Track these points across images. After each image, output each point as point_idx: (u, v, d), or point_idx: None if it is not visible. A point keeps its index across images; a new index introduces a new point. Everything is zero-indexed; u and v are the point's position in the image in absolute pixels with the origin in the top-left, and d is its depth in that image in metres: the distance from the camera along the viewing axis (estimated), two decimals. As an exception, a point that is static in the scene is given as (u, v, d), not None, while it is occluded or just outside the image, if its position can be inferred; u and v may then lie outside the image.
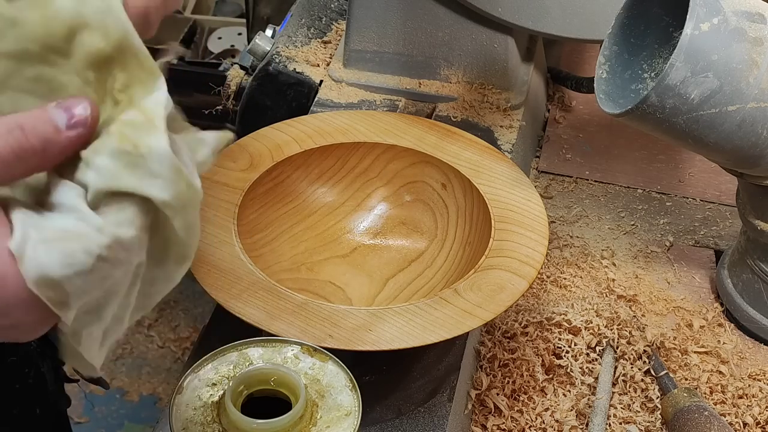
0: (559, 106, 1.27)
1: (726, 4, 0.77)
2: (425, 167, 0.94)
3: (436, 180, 0.94)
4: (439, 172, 0.94)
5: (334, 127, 0.96)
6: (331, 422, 0.62)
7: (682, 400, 0.86)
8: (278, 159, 0.93)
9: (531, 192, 0.89)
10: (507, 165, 0.92)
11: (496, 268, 0.80)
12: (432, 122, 0.99)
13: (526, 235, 0.83)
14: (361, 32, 1.14)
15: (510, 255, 0.81)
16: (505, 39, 1.11)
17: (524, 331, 0.93)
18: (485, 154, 0.94)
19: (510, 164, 0.93)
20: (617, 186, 1.16)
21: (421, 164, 0.95)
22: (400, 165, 0.96)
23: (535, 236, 0.83)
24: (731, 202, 1.10)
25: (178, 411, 0.62)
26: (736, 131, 0.80)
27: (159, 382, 2.08)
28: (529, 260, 0.81)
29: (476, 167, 0.92)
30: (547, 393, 0.89)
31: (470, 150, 0.94)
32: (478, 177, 0.91)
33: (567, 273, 1.02)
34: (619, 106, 0.82)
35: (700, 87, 0.77)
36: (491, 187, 0.89)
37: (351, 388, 0.64)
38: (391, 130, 0.96)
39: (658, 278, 1.03)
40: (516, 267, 0.80)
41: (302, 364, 0.66)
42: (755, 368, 0.93)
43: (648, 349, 0.93)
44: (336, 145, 0.95)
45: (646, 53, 0.86)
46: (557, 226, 1.09)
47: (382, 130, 0.96)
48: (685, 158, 1.19)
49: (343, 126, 0.97)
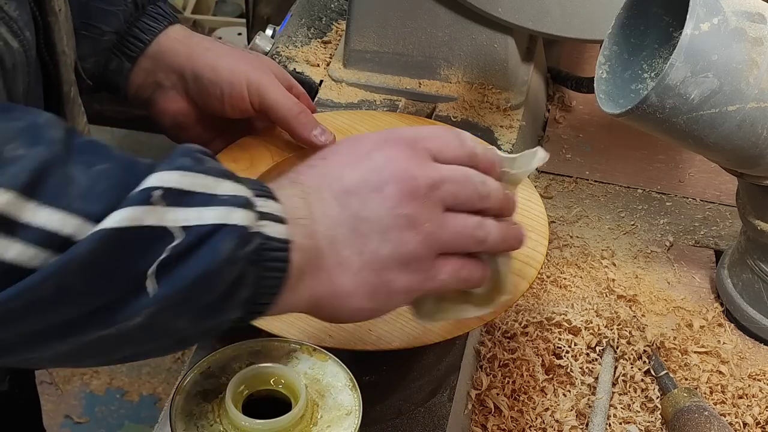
0: (559, 106, 1.27)
1: (726, 4, 0.77)
2: None
3: None
4: None
5: (334, 126, 0.96)
6: (331, 422, 0.62)
7: (682, 400, 0.86)
8: (278, 159, 0.93)
9: (531, 192, 0.89)
10: None
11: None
12: (432, 122, 0.99)
13: (527, 235, 0.83)
14: (361, 32, 1.14)
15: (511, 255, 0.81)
16: (505, 39, 1.11)
17: (524, 331, 0.93)
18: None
19: None
20: (617, 186, 1.16)
21: None
22: None
23: (535, 236, 0.83)
24: (731, 202, 1.10)
25: (178, 411, 0.62)
26: (736, 131, 0.80)
27: (159, 382, 2.08)
28: (529, 260, 0.81)
29: None
30: (547, 393, 0.89)
31: None
32: None
33: (567, 273, 1.02)
34: (619, 106, 0.82)
35: (700, 87, 0.77)
36: None
37: (351, 387, 0.64)
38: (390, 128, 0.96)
39: (658, 278, 1.03)
40: (516, 267, 0.80)
41: (302, 364, 0.66)
42: (755, 368, 0.93)
43: (648, 349, 0.93)
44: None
45: (646, 53, 0.86)
46: (557, 226, 1.09)
47: (382, 130, 0.96)
48: (685, 158, 1.19)
49: (343, 126, 0.97)
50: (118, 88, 0.92)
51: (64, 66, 0.76)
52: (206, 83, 0.89)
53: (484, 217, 0.65)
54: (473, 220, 0.64)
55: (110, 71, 0.91)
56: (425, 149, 0.63)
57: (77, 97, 0.80)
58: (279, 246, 0.56)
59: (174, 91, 0.92)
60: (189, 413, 0.62)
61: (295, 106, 0.89)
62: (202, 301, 0.53)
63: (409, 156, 0.62)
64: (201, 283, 0.52)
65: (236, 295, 0.55)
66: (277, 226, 0.56)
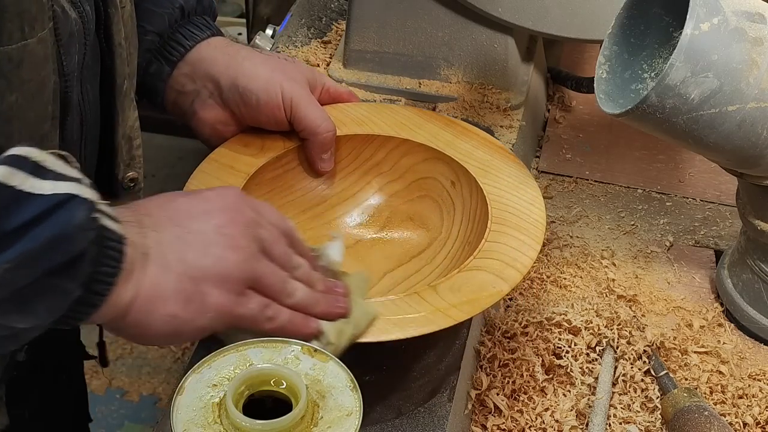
0: (559, 106, 1.27)
1: (726, 4, 0.77)
2: (437, 164, 0.94)
3: (447, 177, 0.93)
4: (449, 170, 0.93)
5: (351, 117, 0.96)
6: (332, 422, 0.62)
7: (682, 400, 0.86)
8: (290, 146, 0.92)
9: (535, 195, 0.88)
10: (516, 167, 0.91)
11: (481, 269, 0.79)
12: (449, 119, 0.97)
13: (520, 239, 0.82)
14: (361, 32, 1.14)
15: (498, 258, 0.80)
16: (505, 39, 1.11)
17: (524, 331, 0.93)
18: (497, 154, 0.93)
19: (519, 166, 0.92)
20: (617, 186, 1.16)
21: (433, 160, 0.94)
22: (412, 160, 0.95)
23: (528, 240, 0.82)
24: (731, 202, 1.10)
25: (178, 412, 0.62)
26: (736, 131, 0.80)
27: (159, 382, 2.08)
28: (516, 264, 0.79)
29: (485, 167, 0.91)
30: (547, 393, 0.89)
31: (482, 149, 0.93)
32: (486, 176, 0.90)
33: (567, 273, 1.02)
34: (619, 106, 0.82)
35: (700, 87, 0.77)
36: (496, 187, 0.88)
37: (352, 388, 0.64)
38: (407, 124, 0.96)
39: (658, 278, 1.03)
40: (500, 270, 0.79)
41: (303, 365, 0.66)
42: (755, 368, 0.93)
43: (648, 349, 0.93)
44: (350, 136, 0.94)
45: (646, 53, 0.86)
46: (557, 226, 1.10)
47: (398, 124, 0.96)
48: (685, 158, 1.19)
49: (360, 117, 0.96)
50: (156, 93, 0.93)
51: (119, 58, 0.79)
52: (242, 91, 0.91)
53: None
54: (283, 273, 0.70)
55: (149, 74, 0.92)
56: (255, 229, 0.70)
57: (131, 91, 0.83)
58: (115, 237, 0.60)
59: (212, 99, 0.93)
60: (189, 413, 0.62)
61: (323, 125, 0.91)
62: (53, 262, 0.56)
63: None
64: (54, 245, 0.56)
65: (80, 266, 0.58)
66: (113, 223, 0.61)
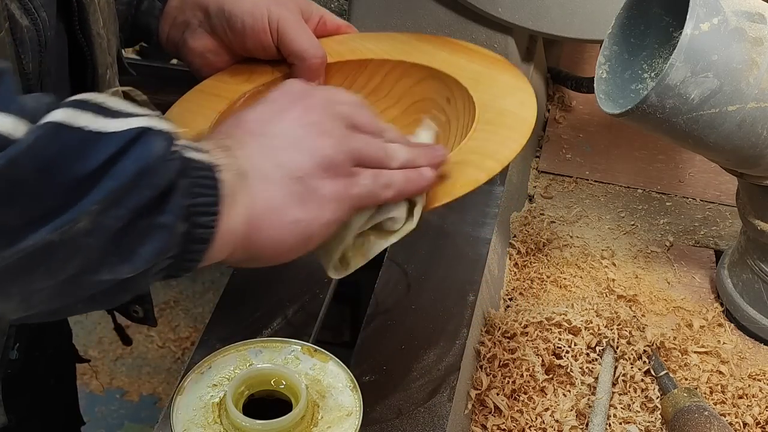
0: (559, 106, 1.27)
1: (726, 4, 0.77)
2: (432, 82, 0.90)
3: (442, 95, 0.89)
4: (444, 86, 0.89)
5: (347, 47, 0.92)
6: (332, 422, 0.62)
7: (682, 400, 0.86)
8: (279, 75, 0.89)
9: (526, 97, 0.83)
10: (511, 75, 0.87)
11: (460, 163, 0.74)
12: (448, 39, 0.93)
13: (504, 134, 0.77)
14: (361, 32, 1.13)
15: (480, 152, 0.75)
16: (505, 39, 1.11)
17: (524, 331, 0.93)
18: (492, 66, 0.89)
19: (515, 74, 0.87)
20: (617, 186, 1.16)
21: (429, 80, 0.90)
22: (408, 82, 0.91)
23: (514, 135, 0.77)
24: (731, 202, 1.10)
25: (178, 412, 0.62)
26: (736, 131, 0.80)
27: (159, 382, 2.08)
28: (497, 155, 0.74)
29: (478, 78, 0.86)
30: (547, 393, 0.89)
31: (478, 62, 0.89)
32: (477, 86, 0.85)
33: (567, 273, 1.02)
34: (619, 106, 0.82)
35: (700, 87, 0.77)
36: (487, 94, 0.84)
37: (352, 388, 0.64)
38: (404, 48, 0.92)
39: (658, 278, 1.03)
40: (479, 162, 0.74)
41: (303, 365, 0.66)
42: (755, 368, 0.93)
43: (648, 349, 0.93)
44: (342, 63, 0.91)
45: (646, 53, 0.86)
46: (557, 226, 1.10)
47: (395, 48, 0.92)
48: (685, 158, 1.20)
49: (355, 46, 0.93)
50: (150, 31, 0.92)
51: (99, 48, 0.78)
52: (228, 15, 0.89)
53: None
54: (378, 140, 0.67)
55: (142, 12, 0.91)
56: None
57: (114, 80, 0.82)
58: (204, 166, 0.58)
59: (201, 28, 0.91)
60: (189, 413, 0.62)
61: (310, 49, 0.88)
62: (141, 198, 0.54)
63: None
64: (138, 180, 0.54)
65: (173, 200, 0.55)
66: (197, 153, 0.58)
